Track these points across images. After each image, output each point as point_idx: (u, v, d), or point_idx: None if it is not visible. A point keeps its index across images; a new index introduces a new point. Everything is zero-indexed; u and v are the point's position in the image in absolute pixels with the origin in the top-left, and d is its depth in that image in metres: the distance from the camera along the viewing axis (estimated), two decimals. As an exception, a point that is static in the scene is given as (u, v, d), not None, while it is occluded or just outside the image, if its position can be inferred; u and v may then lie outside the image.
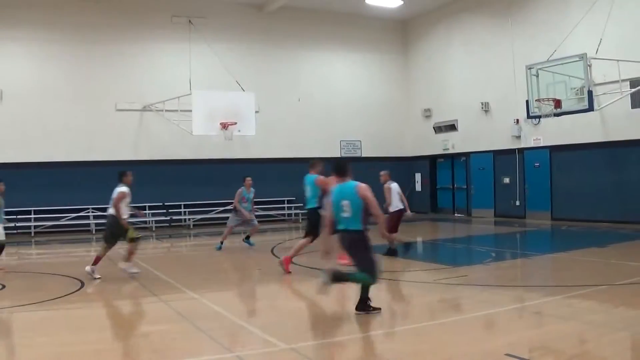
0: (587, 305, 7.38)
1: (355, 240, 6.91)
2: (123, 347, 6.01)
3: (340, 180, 7.07)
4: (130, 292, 9.11)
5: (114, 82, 19.57)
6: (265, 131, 20.30)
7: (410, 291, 9.25)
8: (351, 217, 6.82)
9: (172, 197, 19.97)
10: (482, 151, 21.30)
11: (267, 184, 21.57)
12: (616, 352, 5.59)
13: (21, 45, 18.64)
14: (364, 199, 6.76)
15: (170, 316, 7.42)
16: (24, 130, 18.35)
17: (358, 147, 23.77)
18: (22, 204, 18.03)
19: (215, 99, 17.50)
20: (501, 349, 5.56)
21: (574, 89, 14.76)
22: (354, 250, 6.98)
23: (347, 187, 6.92)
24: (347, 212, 6.82)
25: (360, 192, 6.79)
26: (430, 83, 23.74)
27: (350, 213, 6.81)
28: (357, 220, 6.82)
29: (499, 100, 20.63)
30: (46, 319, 7.32)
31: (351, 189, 6.86)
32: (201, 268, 11.73)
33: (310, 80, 22.84)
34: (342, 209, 6.87)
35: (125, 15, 19.81)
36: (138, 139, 20.00)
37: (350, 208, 6.80)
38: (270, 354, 5.78)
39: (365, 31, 23.69)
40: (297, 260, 11.71)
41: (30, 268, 12.04)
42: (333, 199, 7.03)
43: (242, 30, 21.53)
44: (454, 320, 6.95)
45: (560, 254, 12.11)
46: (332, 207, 7.05)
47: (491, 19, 20.96)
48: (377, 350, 6.08)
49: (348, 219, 6.85)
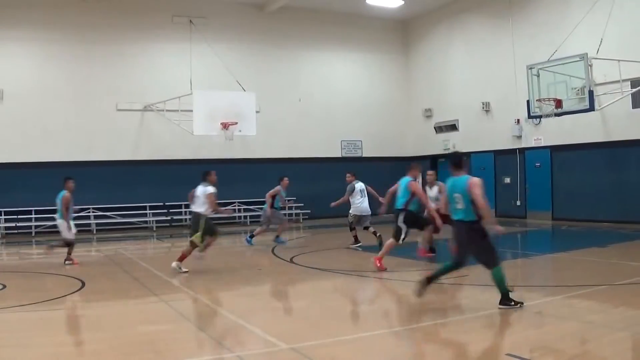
0: (587, 305, 7.38)
1: (470, 230, 7.09)
2: (123, 347, 6.01)
3: (455, 173, 7.28)
4: (131, 292, 9.11)
5: (115, 82, 19.57)
6: (265, 131, 20.30)
7: (410, 291, 9.24)
8: (464, 209, 7.07)
9: (172, 197, 19.96)
10: (482, 151, 21.28)
11: (268, 184, 21.52)
12: (616, 352, 5.58)
13: (21, 45, 18.65)
14: (471, 192, 6.97)
15: (171, 316, 7.42)
16: (24, 130, 18.36)
17: (359, 147, 23.77)
18: (23, 204, 18.05)
19: (215, 99, 17.49)
20: (502, 348, 5.57)
21: (575, 89, 14.74)
22: (470, 240, 7.15)
23: (459, 181, 7.16)
24: (460, 204, 7.10)
25: (469, 187, 7.00)
26: (431, 83, 23.73)
27: (463, 205, 7.06)
28: (470, 211, 7.03)
29: (499, 100, 20.62)
30: (46, 318, 7.32)
31: (463, 183, 7.09)
32: (202, 268, 11.72)
33: (310, 80, 22.83)
34: (455, 200, 7.15)
35: (126, 15, 19.81)
36: (139, 139, 20.00)
37: (462, 200, 7.06)
38: (271, 354, 5.79)
39: (366, 31, 23.69)
40: (298, 261, 11.73)
41: (30, 268, 12.04)
42: (447, 192, 7.32)
43: (243, 30, 21.53)
44: (454, 320, 6.95)
45: (560, 254, 12.10)
46: (446, 200, 7.38)
47: (492, 19, 20.95)
48: (377, 350, 6.08)
49: (462, 210, 7.11)
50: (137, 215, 19.51)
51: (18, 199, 18.01)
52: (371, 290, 9.49)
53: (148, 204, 19.56)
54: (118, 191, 19.30)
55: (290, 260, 11.80)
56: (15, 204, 18.01)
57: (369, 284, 9.88)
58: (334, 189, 14.99)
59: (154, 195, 19.52)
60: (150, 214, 19.53)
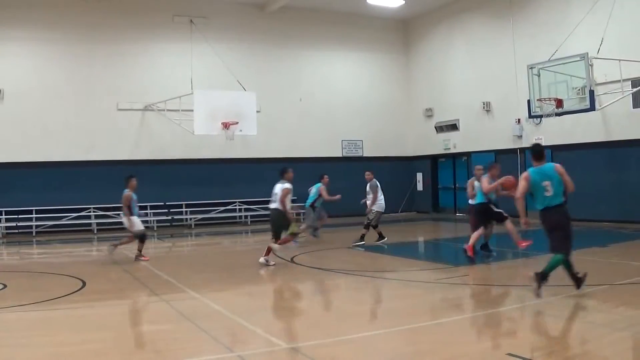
0: (588, 305, 7.38)
1: (560, 213, 7.51)
2: (124, 347, 6.01)
3: (537, 163, 7.70)
4: (132, 292, 9.12)
5: (115, 81, 19.58)
6: (266, 131, 20.31)
7: (411, 290, 9.25)
8: (553, 195, 7.46)
9: (173, 196, 19.99)
10: (483, 151, 21.25)
11: (268, 184, 21.48)
12: (617, 351, 5.58)
13: (22, 44, 18.66)
14: (562, 175, 7.49)
15: (172, 316, 7.42)
16: (24, 129, 18.37)
17: (359, 146, 23.77)
18: (24, 204, 18.07)
19: (216, 99, 17.50)
20: (503, 348, 5.57)
21: (576, 88, 14.73)
22: (559, 224, 7.49)
23: (546, 169, 7.62)
24: (549, 191, 7.46)
25: (559, 170, 7.53)
26: (431, 83, 23.72)
27: (552, 192, 7.46)
28: (559, 196, 7.50)
29: (500, 99, 20.61)
30: (47, 318, 7.33)
31: (551, 170, 7.57)
32: (203, 267, 11.74)
33: (311, 80, 22.84)
34: (545, 189, 7.49)
35: (127, 14, 19.82)
36: (139, 139, 20.01)
37: (551, 187, 7.45)
38: (272, 354, 5.79)
39: (367, 31, 23.69)
40: (300, 260, 11.74)
41: (31, 267, 12.04)
42: (533, 182, 7.58)
43: (244, 30, 21.53)
44: (455, 320, 6.95)
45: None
46: (531, 190, 7.65)
47: (492, 19, 20.95)
48: (378, 349, 6.08)
49: (551, 197, 7.47)
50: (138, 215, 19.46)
51: (18, 198, 18.02)
52: (372, 290, 9.49)
53: (149, 203, 19.54)
54: (119, 191, 19.12)
55: (291, 260, 11.80)
56: (15, 204, 18.02)
57: (369, 283, 9.88)
58: (334, 189, 14.98)
59: (155, 195, 19.52)
60: (151, 214, 19.53)
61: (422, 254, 13.65)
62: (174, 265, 11.91)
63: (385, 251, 13.01)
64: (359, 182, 15.05)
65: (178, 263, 12.68)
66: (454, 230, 19.17)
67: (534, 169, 7.69)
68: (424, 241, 14.64)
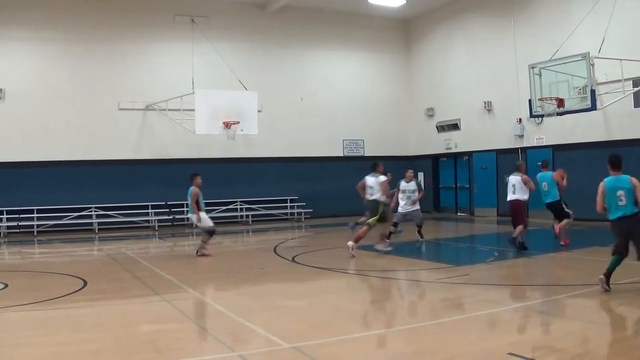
0: (589, 305, 7.39)
1: (634, 222, 7.84)
2: (125, 346, 6.01)
3: (614, 173, 8.17)
4: (133, 291, 9.11)
5: (116, 81, 19.58)
6: (267, 130, 20.32)
7: (412, 290, 9.25)
8: (627, 204, 7.87)
9: (174, 196, 19.95)
10: (484, 150, 21.28)
11: (269, 183, 21.62)
12: (618, 351, 5.58)
13: (23, 44, 18.66)
14: (635, 187, 7.86)
15: (173, 315, 7.42)
16: (25, 129, 18.37)
17: (361, 146, 23.76)
18: (25, 203, 18.08)
19: (217, 98, 17.51)
20: (504, 348, 5.56)
21: (577, 88, 14.71)
22: (635, 231, 7.80)
23: (622, 179, 8.04)
24: (623, 200, 7.89)
25: (633, 182, 7.93)
26: (432, 82, 23.71)
27: (626, 201, 7.87)
28: (632, 205, 7.86)
29: (501, 99, 20.60)
30: (48, 318, 7.33)
31: (626, 181, 7.97)
32: (204, 267, 11.74)
33: (312, 79, 22.84)
34: (619, 198, 7.93)
35: (128, 14, 19.82)
36: (140, 138, 20.01)
37: (625, 197, 7.87)
38: (273, 353, 5.79)
39: (368, 30, 23.68)
40: (301, 260, 11.75)
41: (32, 267, 12.05)
42: (607, 190, 8.09)
43: (245, 30, 21.53)
44: (456, 320, 6.95)
45: (562, 253, 12.09)
46: (606, 197, 8.13)
47: (493, 19, 20.93)
48: (379, 349, 6.08)
49: (625, 206, 7.88)
50: (139, 215, 19.52)
51: (20, 198, 18.04)
52: (373, 289, 9.49)
53: (150, 203, 19.57)
54: (120, 190, 19.32)
55: (292, 260, 11.80)
56: (16, 203, 18.03)
57: (370, 283, 9.89)
58: (335, 188, 14.99)
59: (156, 195, 19.54)
60: (152, 213, 19.55)
61: (423, 254, 13.64)
62: (176, 265, 11.91)
63: (386, 251, 12.99)
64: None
65: (179, 262, 12.67)
66: (455, 230, 19.18)
67: (610, 177, 8.17)
68: (425, 241, 14.61)
